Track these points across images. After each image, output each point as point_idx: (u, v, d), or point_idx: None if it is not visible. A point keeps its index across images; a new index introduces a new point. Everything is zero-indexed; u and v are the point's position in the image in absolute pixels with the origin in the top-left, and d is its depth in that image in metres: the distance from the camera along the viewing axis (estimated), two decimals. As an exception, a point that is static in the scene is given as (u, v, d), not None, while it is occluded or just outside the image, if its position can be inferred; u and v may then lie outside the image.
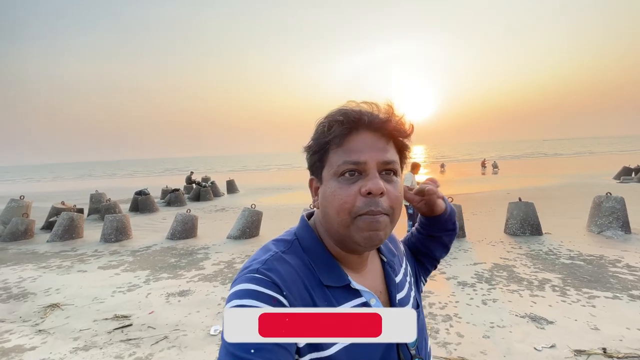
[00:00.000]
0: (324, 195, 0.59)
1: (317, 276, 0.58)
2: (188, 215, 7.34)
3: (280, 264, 0.56)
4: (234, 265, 5.06)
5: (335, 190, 0.57)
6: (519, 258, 4.93)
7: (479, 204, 10.51)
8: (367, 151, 0.57)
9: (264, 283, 0.52)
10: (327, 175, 0.59)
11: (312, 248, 0.61)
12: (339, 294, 0.59)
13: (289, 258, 0.58)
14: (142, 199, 12.06)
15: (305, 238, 0.63)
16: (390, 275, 0.68)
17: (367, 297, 0.61)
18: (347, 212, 0.56)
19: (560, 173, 20.51)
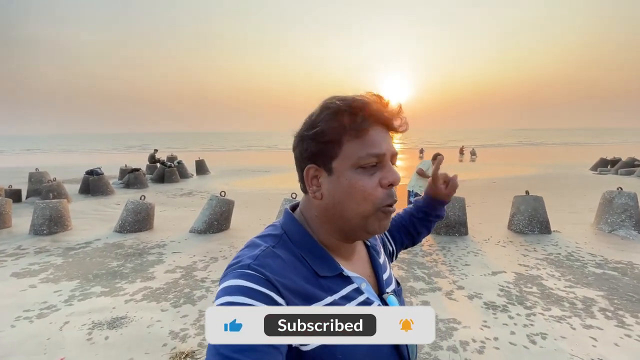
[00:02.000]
0: (340, 185, 0.58)
1: (310, 268, 0.58)
2: (141, 203, 6.04)
3: (272, 259, 0.55)
4: (195, 274, 3.94)
5: (356, 181, 0.57)
6: (541, 265, 4.17)
7: (470, 194, 9.84)
8: (384, 143, 0.58)
9: (256, 279, 0.51)
10: (341, 166, 0.58)
11: (302, 241, 0.61)
12: (333, 282, 0.59)
13: (280, 252, 0.57)
14: (93, 180, 10.43)
15: (294, 232, 0.62)
16: (376, 258, 0.70)
17: (358, 283, 0.62)
18: (370, 204, 0.57)
19: (537, 162, 20.60)
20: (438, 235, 5.53)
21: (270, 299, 0.50)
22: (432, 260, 4.34)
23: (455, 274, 3.88)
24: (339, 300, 0.57)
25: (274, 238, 0.60)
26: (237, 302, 0.49)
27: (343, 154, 0.57)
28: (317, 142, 0.58)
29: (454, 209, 5.58)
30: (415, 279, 3.72)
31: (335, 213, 0.59)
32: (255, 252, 0.56)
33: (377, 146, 0.57)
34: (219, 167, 18.42)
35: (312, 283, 0.56)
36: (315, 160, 0.60)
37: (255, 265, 0.53)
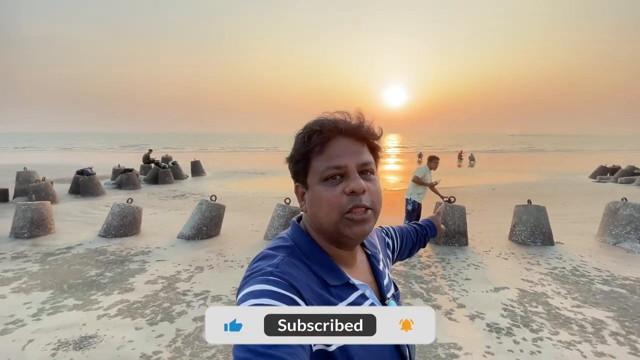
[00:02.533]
0: (312, 199, 0.64)
1: (320, 277, 0.61)
2: (128, 207, 5.78)
3: (291, 268, 0.58)
4: (177, 286, 3.68)
5: (322, 193, 0.62)
6: (545, 280, 3.94)
7: (468, 201, 9.63)
8: (346, 155, 0.63)
9: (280, 285, 0.54)
10: (312, 181, 0.64)
11: (311, 252, 0.64)
12: (341, 290, 0.62)
13: (295, 262, 0.61)
14: (83, 180, 10.16)
15: (303, 243, 0.65)
16: (376, 266, 0.75)
17: (363, 290, 0.66)
18: (335, 211, 0.61)
19: (536, 169, 20.46)
20: (437, 245, 5.30)
21: (294, 301, 0.53)
22: (430, 274, 4.11)
23: (455, 289, 3.64)
24: (348, 306, 0.61)
25: (286, 249, 0.64)
26: (265, 304, 0.50)
27: (312, 170, 0.64)
28: (292, 162, 0.67)
29: (454, 218, 5.35)
30: (413, 295, 3.48)
31: (316, 223, 0.65)
32: (274, 261, 0.59)
33: (337, 158, 0.62)
34: (215, 169, 18.18)
35: (325, 290, 0.60)
36: (297, 179, 0.67)
37: (277, 272, 0.56)
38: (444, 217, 5.38)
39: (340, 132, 0.63)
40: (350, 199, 0.61)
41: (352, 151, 0.63)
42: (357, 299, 0.63)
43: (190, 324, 2.86)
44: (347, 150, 0.63)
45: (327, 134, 0.63)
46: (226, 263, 4.41)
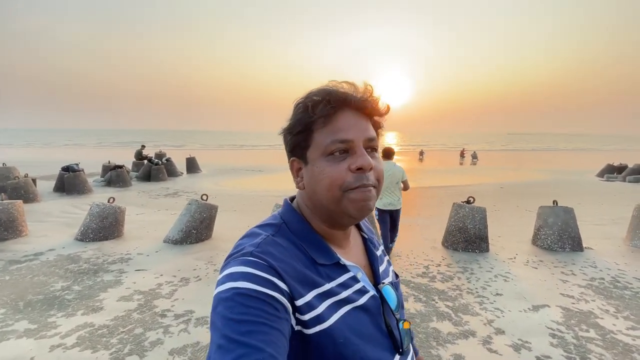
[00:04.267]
0: (312, 174, 0.60)
1: (309, 256, 0.59)
2: (108, 207, 5.17)
3: (273, 247, 0.56)
4: (155, 304, 3.08)
5: (325, 168, 0.58)
6: (587, 295, 3.37)
7: (480, 200, 9.06)
8: (353, 130, 0.58)
9: (259, 266, 0.51)
10: (313, 155, 0.59)
11: (300, 230, 0.62)
12: (330, 270, 0.60)
13: (280, 240, 0.58)
14: (69, 177, 9.52)
15: (292, 221, 0.63)
16: (372, 250, 0.71)
17: (354, 271, 0.63)
18: (338, 188, 0.57)
19: (541, 168, 19.95)
20: (456, 252, 4.72)
21: (273, 284, 0.50)
22: (454, 287, 3.53)
23: (487, 308, 3.07)
24: (336, 288, 0.58)
25: (273, 227, 0.61)
26: (242, 287, 0.49)
27: (314, 143, 0.59)
28: (291, 135, 0.61)
29: (474, 221, 4.78)
30: (439, 317, 2.90)
31: (315, 201, 0.61)
32: (257, 240, 0.57)
33: (344, 132, 0.58)
34: (212, 166, 17.54)
35: (312, 270, 0.57)
36: (295, 153, 0.62)
37: (257, 252, 0.53)
38: (463, 219, 4.81)
39: (349, 105, 0.59)
40: (356, 176, 0.57)
41: (360, 126, 0.59)
42: (347, 281, 0.60)
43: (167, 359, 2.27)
44: (354, 125, 0.59)
45: (336, 105, 0.58)
46: (216, 273, 3.82)
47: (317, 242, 0.61)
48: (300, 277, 0.54)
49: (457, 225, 4.84)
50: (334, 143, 0.57)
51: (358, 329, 0.56)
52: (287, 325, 0.49)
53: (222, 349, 0.44)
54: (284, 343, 0.47)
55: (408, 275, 3.86)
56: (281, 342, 0.46)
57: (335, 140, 0.57)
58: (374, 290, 0.63)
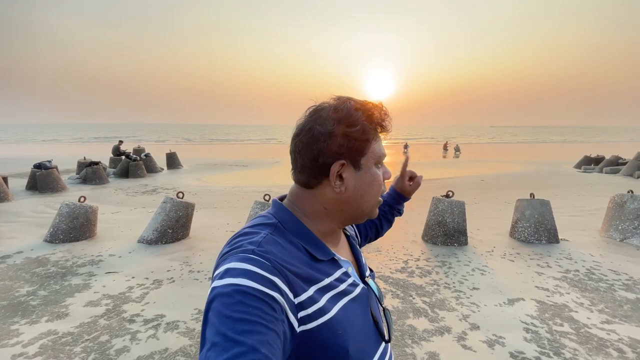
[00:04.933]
0: (364, 180, 0.64)
1: (307, 253, 0.61)
2: (78, 207, 4.95)
3: (274, 246, 0.57)
4: (124, 308, 2.96)
5: (377, 176, 0.66)
6: (562, 287, 3.44)
7: (460, 194, 9.19)
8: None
9: (261, 265, 0.51)
10: (367, 162, 0.64)
11: (297, 229, 0.63)
12: (327, 266, 0.62)
13: (279, 239, 0.59)
14: (41, 175, 9.11)
15: (288, 220, 0.64)
16: (355, 246, 0.77)
17: (346, 267, 0.67)
18: (379, 194, 0.67)
19: (521, 160, 20.41)
20: (435, 245, 4.74)
21: (273, 284, 0.50)
22: (432, 282, 3.54)
23: (463, 303, 3.08)
24: (334, 282, 0.61)
25: (269, 226, 0.61)
26: (242, 284, 0.48)
27: (371, 151, 0.65)
28: (356, 139, 0.62)
29: (453, 215, 4.80)
30: (416, 314, 2.89)
31: (353, 204, 0.65)
32: (256, 238, 0.57)
33: (383, 147, 0.68)
34: (194, 161, 17.19)
35: (311, 267, 0.59)
36: (347, 156, 0.62)
37: (259, 251, 0.53)
38: (443, 213, 4.83)
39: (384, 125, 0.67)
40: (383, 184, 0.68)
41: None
42: (341, 276, 0.63)
43: (131, 368, 2.17)
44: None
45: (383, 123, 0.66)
46: (191, 275, 3.70)
47: (314, 239, 0.63)
48: (302, 274, 0.56)
49: (436, 219, 4.86)
50: (383, 156, 0.66)
51: (352, 320, 0.59)
52: (282, 326, 0.48)
53: (218, 346, 0.43)
54: (279, 345, 0.46)
55: (387, 270, 3.84)
56: (276, 344, 0.46)
57: (383, 153, 0.66)
58: (362, 283, 0.68)
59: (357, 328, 0.59)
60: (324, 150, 0.61)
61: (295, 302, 0.52)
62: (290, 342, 0.50)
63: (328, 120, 0.61)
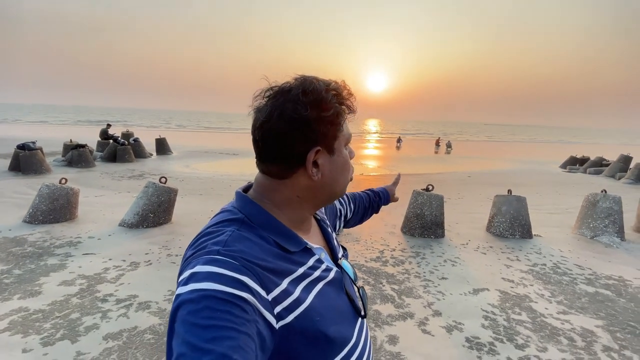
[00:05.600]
0: (337, 164, 0.63)
1: (278, 246, 0.59)
2: (59, 188, 4.93)
3: (242, 242, 0.54)
4: (98, 288, 3.00)
5: (347, 158, 0.65)
6: (526, 280, 3.58)
7: (445, 189, 9.34)
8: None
9: (228, 265, 0.49)
10: (340, 145, 0.63)
11: (265, 222, 0.60)
12: (300, 256, 0.61)
13: (247, 235, 0.56)
14: (24, 155, 8.97)
15: (254, 213, 0.61)
16: (326, 229, 0.76)
17: (318, 253, 0.66)
18: (349, 175, 0.67)
19: (510, 158, 20.71)
20: (412, 237, 4.86)
21: (242, 284, 0.48)
22: (403, 271, 3.65)
23: (430, 292, 3.19)
24: (308, 270, 0.60)
25: (235, 222, 0.59)
26: (208, 288, 0.46)
27: (342, 133, 0.63)
28: (330, 124, 0.60)
29: (431, 208, 4.92)
30: (383, 300, 2.99)
31: (328, 188, 0.63)
32: (221, 237, 0.54)
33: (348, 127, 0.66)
34: (185, 147, 17.05)
35: (283, 259, 0.57)
36: (322, 142, 0.60)
37: (225, 250, 0.51)
38: (421, 206, 4.94)
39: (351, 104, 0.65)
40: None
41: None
42: (315, 263, 0.63)
43: (98, 345, 2.23)
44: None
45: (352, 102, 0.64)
46: (169, 258, 3.75)
47: (285, 231, 0.61)
48: (274, 269, 0.54)
49: (415, 212, 4.97)
50: (350, 136, 0.65)
51: (329, 304, 0.59)
52: (256, 328, 0.46)
53: (184, 357, 0.40)
54: (253, 348, 0.44)
55: (362, 259, 3.94)
56: (250, 347, 0.43)
57: (350, 134, 0.65)
58: (335, 266, 0.68)
59: (334, 310, 0.59)
60: (299, 137, 0.57)
61: (269, 298, 0.50)
62: (270, 340, 0.49)
63: (299, 104, 0.56)
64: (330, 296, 0.61)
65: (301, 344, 0.53)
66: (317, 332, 0.54)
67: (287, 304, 0.52)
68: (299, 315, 0.53)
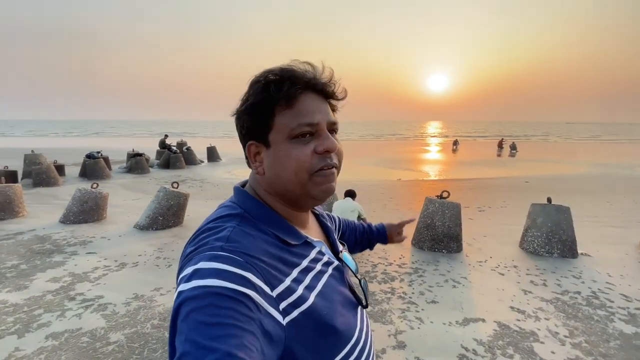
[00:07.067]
0: (276, 158, 0.58)
1: (279, 239, 0.58)
2: (89, 192, 5.47)
3: (244, 238, 0.53)
4: (77, 286, 3.17)
5: (291, 152, 0.57)
6: (544, 311, 2.87)
7: (490, 196, 8.30)
8: (317, 112, 0.58)
9: (232, 261, 0.48)
10: (277, 139, 0.58)
11: (264, 216, 0.60)
12: (301, 249, 0.61)
13: (248, 230, 0.55)
14: (90, 163, 10.31)
15: (254, 208, 0.60)
16: (325, 224, 0.75)
17: (319, 246, 0.65)
18: (305, 171, 0.57)
19: (587, 160, 17.73)
20: (421, 250, 4.32)
21: (246, 280, 0.47)
22: (388, 290, 3.21)
23: (406, 318, 2.73)
24: (310, 264, 0.59)
25: (236, 218, 0.57)
26: (212, 285, 0.45)
27: (276, 126, 0.57)
28: (250, 116, 0.58)
29: (443, 218, 4.31)
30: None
31: (277, 185, 0.60)
32: (223, 233, 0.53)
33: (310, 115, 0.57)
34: (233, 155, 18.01)
35: (285, 252, 0.57)
36: (253, 136, 0.59)
37: (228, 246, 0.50)
38: (432, 215, 4.37)
39: (313, 87, 0.58)
40: (321, 158, 0.58)
41: (322, 109, 0.59)
42: (316, 256, 0.62)
43: (37, 343, 2.31)
44: (317, 107, 0.58)
45: (302, 86, 0.57)
46: (156, 260, 3.85)
47: (284, 224, 0.60)
48: (276, 264, 0.53)
49: (425, 222, 4.41)
50: (300, 126, 0.56)
51: (333, 296, 0.59)
52: (260, 325, 0.45)
53: (188, 355, 0.40)
54: (258, 346, 0.43)
55: (349, 273, 3.58)
56: (254, 345, 0.43)
57: (302, 123, 0.56)
58: (336, 259, 0.67)
59: (338, 303, 0.59)
60: (239, 131, 0.61)
61: (274, 295, 0.49)
62: (279, 337, 0.47)
63: (241, 100, 0.59)
64: (333, 288, 0.60)
65: (310, 337, 0.52)
66: (325, 325, 0.54)
67: (292, 299, 0.52)
68: (306, 310, 0.52)
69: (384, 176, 11.78)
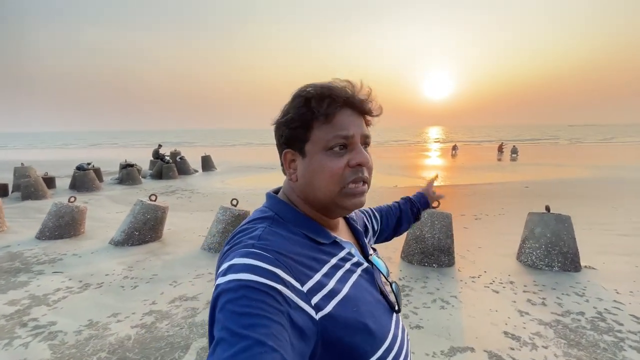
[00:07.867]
0: (310, 168, 0.62)
1: (309, 239, 0.61)
2: (64, 206, 5.23)
3: (274, 237, 0.57)
4: (32, 311, 2.90)
5: (326, 163, 0.61)
6: (542, 336, 2.58)
7: (487, 202, 8.01)
8: (352, 126, 0.62)
9: (262, 258, 0.51)
10: (313, 149, 0.62)
11: (294, 218, 0.63)
12: (331, 247, 0.63)
13: (279, 230, 0.59)
14: (79, 175, 10.12)
15: (284, 211, 0.64)
16: (355, 227, 0.77)
17: (349, 247, 0.67)
18: (336, 183, 0.61)
19: (593, 163, 17.39)
20: (410, 265, 4.04)
21: (276, 276, 0.50)
22: (370, 312, 2.93)
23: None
24: (339, 262, 0.62)
25: (267, 220, 0.62)
26: (244, 279, 0.48)
27: (313, 137, 0.61)
28: (289, 128, 0.63)
29: (433, 229, 4.04)
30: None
31: (309, 193, 0.64)
32: (255, 232, 0.57)
33: (345, 128, 0.61)
34: (229, 163, 17.83)
35: (315, 250, 0.60)
36: (291, 145, 0.64)
37: (259, 244, 0.54)
38: (421, 226, 4.10)
39: (351, 105, 0.63)
40: (353, 171, 0.61)
41: (357, 123, 0.63)
42: (345, 256, 0.64)
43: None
44: (353, 122, 0.62)
45: (340, 103, 0.61)
46: (123, 281, 3.59)
47: (313, 226, 0.63)
48: (305, 261, 0.56)
49: (414, 234, 4.14)
50: (335, 138, 0.60)
51: (363, 296, 0.59)
52: (287, 317, 0.47)
53: (224, 342, 0.43)
54: (286, 337, 0.46)
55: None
56: (282, 335, 0.45)
57: (337, 135, 0.60)
58: (366, 261, 0.68)
59: (369, 303, 0.59)
60: (277, 140, 0.66)
61: (304, 290, 0.52)
62: (311, 330, 0.50)
63: (281, 112, 0.64)
64: (364, 289, 0.61)
65: (344, 334, 0.53)
66: (358, 322, 0.55)
67: (323, 294, 0.53)
68: (337, 305, 0.54)
69: (381, 183, 11.51)
